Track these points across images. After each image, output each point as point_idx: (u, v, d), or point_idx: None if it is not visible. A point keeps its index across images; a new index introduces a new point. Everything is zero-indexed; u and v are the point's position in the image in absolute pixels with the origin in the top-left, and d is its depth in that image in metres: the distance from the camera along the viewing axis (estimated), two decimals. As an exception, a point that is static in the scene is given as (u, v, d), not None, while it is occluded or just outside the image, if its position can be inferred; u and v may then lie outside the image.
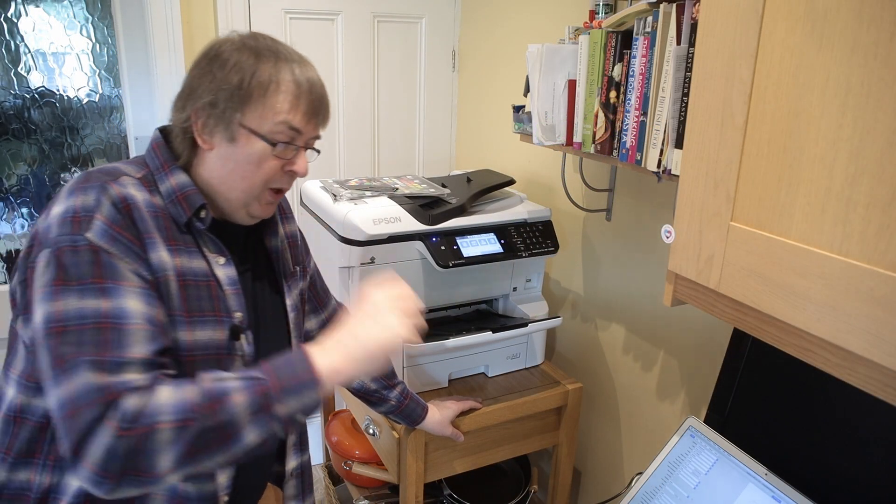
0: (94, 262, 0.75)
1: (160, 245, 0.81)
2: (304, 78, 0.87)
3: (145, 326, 0.76)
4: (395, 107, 2.34)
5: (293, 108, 0.86)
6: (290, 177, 0.92)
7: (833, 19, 0.65)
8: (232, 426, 0.72)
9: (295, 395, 0.75)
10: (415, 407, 1.34)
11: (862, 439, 0.96)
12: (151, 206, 0.83)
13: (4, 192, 1.99)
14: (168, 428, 0.70)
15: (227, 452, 0.73)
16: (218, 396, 0.72)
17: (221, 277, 0.88)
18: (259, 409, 0.73)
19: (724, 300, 0.84)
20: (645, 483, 1.15)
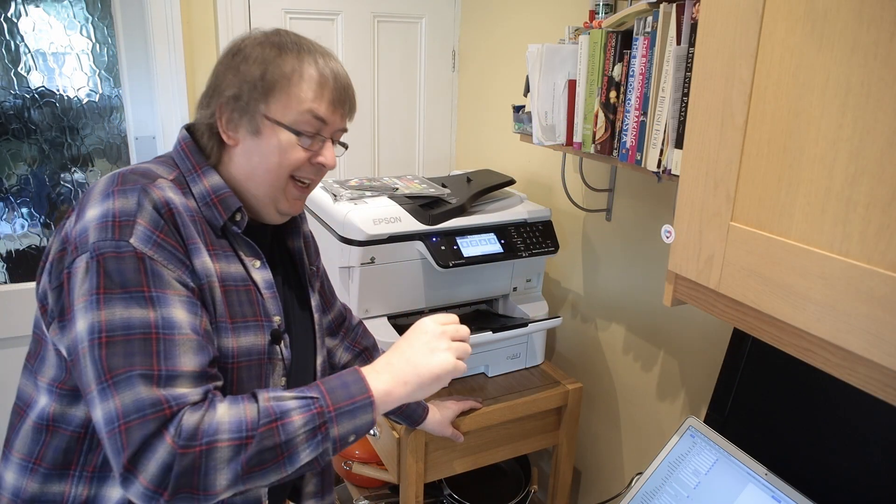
0: (139, 270, 0.72)
1: (203, 250, 0.79)
2: (328, 68, 0.85)
3: (193, 337, 0.74)
4: (395, 107, 2.34)
5: (317, 98, 0.84)
6: (318, 169, 0.89)
7: (833, 19, 0.65)
8: (289, 446, 0.72)
9: (350, 416, 0.75)
10: (415, 407, 1.34)
11: (862, 439, 0.96)
12: (188, 209, 0.81)
13: (4, 192, 1.99)
14: (226, 446, 0.69)
15: (281, 472, 0.73)
16: (277, 416, 0.72)
17: (259, 281, 0.87)
18: (315, 429, 0.73)
19: (724, 300, 0.84)
20: (645, 483, 1.15)
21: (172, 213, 0.77)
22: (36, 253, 2.07)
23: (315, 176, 0.89)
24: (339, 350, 1.27)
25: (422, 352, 0.81)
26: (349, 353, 1.28)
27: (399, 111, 2.36)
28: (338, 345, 1.26)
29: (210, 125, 0.86)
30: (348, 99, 0.88)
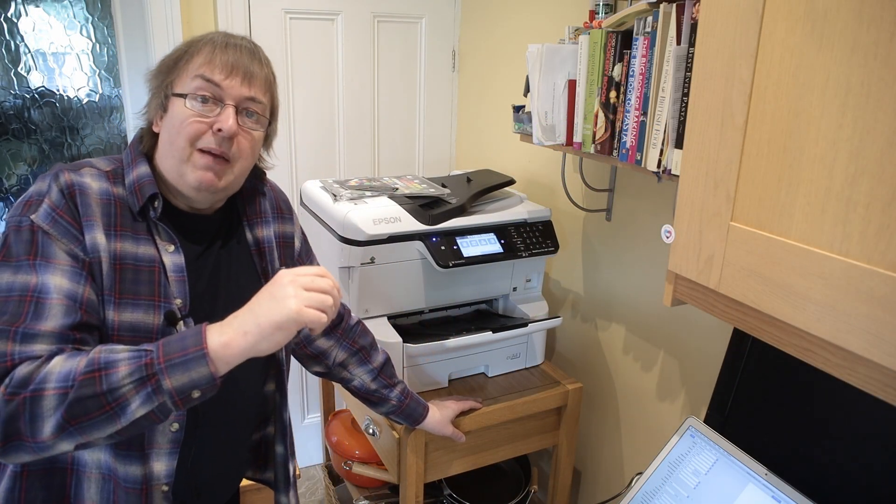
0: (32, 241, 0.81)
1: (97, 229, 0.85)
2: (222, 39, 0.90)
3: (64, 301, 0.79)
4: (395, 107, 2.34)
5: (208, 63, 0.88)
6: (220, 139, 0.89)
7: (833, 19, 0.65)
8: (114, 396, 0.73)
9: (182, 369, 0.74)
10: (416, 406, 1.34)
11: (862, 439, 0.96)
12: (107, 194, 0.88)
13: (4, 192, 1.99)
14: (52, 394, 0.72)
15: (113, 422, 0.74)
16: (102, 366, 0.73)
17: (168, 264, 0.90)
18: (143, 380, 0.73)
19: (724, 300, 0.84)
20: (645, 483, 1.15)
21: (74, 193, 0.84)
22: (36, 253, 2.07)
23: (218, 145, 0.89)
24: (334, 350, 1.27)
25: (266, 301, 0.77)
26: (346, 352, 1.28)
27: (399, 111, 2.36)
28: (333, 345, 1.26)
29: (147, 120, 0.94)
30: (243, 64, 0.89)
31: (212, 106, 0.89)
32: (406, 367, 1.50)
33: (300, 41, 2.12)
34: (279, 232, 1.10)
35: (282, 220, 1.12)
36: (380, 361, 1.31)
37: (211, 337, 0.76)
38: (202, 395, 0.76)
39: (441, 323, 1.67)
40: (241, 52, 0.90)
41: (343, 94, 2.24)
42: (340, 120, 2.26)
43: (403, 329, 1.55)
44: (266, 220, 1.06)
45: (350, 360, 1.28)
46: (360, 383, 1.29)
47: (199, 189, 0.91)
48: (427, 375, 1.54)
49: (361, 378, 1.29)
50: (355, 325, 1.31)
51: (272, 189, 1.13)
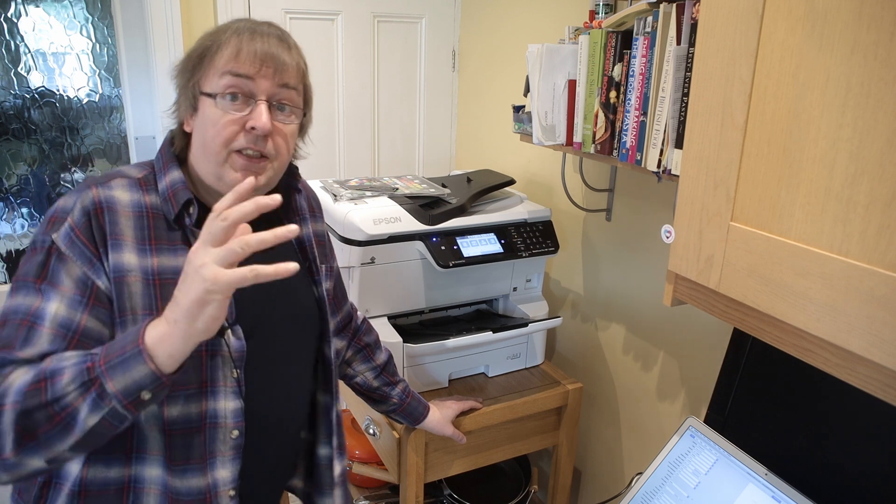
0: (44, 264, 0.79)
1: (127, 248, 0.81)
2: (247, 28, 0.85)
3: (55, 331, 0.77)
4: (395, 107, 2.34)
5: (234, 57, 0.83)
6: (254, 137, 0.84)
7: (833, 19, 0.65)
8: (59, 405, 0.69)
9: (122, 369, 0.69)
10: (416, 405, 1.34)
11: (862, 439, 0.96)
12: (139, 206, 0.84)
13: (4, 192, 1.99)
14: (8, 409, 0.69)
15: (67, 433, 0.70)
16: (47, 375, 0.70)
17: None
18: (86, 385, 0.69)
19: (724, 300, 0.84)
20: (645, 483, 1.15)
21: (101, 211, 0.81)
22: (36, 253, 2.07)
23: (253, 144, 0.85)
24: (344, 349, 1.27)
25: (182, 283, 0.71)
26: (351, 349, 1.29)
27: (399, 111, 2.36)
28: (344, 346, 1.27)
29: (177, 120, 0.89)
30: (273, 55, 0.84)
31: (242, 104, 0.84)
32: (406, 367, 1.50)
33: (300, 41, 2.09)
34: (315, 231, 1.08)
35: (314, 220, 1.10)
36: (383, 359, 1.32)
37: (148, 332, 0.71)
38: (153, 396, 0.71)
39: (441, 323, 1.67)
40: (270, 40, 0.85)
41: (343, 94, 2.24)
42: (340, 120, 2.26)
43: (403, 329, 1.55)
44: (304, 217, 1.03)
45: (355, 357, 1.29)
46: (362, 380, 1.30)
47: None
48: (427, 375, 1.54)
49: (364, 375, 1.29)
50: (361, 323, 1.32)
51: (304, 187, 1.10)
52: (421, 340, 1.47)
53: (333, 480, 1.09)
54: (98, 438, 0.73)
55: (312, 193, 1.13)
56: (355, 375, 1.30)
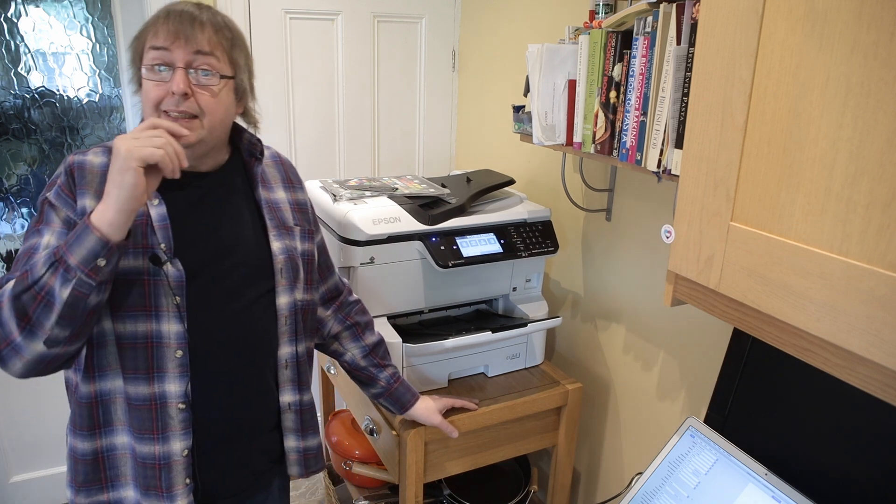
0: (41, 213, 1.00)
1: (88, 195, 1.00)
2: (165, 9, 1.00)
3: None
4: (395, 107, 2.34)
5: (154, 34, 0.99)
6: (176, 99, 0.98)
7: (833, 19, 0.65)
8: (39, 286, 0.88)
9: (76, 244, 0.87)
10: (404, 392, 1.37)
11: (862, 439, 0.96)
12: (104, 166, 1.01)
13: (4, 192, 1.99)
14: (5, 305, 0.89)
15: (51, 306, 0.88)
16: (28, 269, 0.89)
17: (153, 215, 1.02)
18: (55, 265, 0.88)
19: (724, 300, 0.84)
20: (645, 483, 1.15)
21: (74, 170, 1.01)
22: (36, 253, 2.07)
23: (175, 106, 0.99)
24: (330, 321, 1.32)
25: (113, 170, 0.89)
26: (340, 325, 1.33)
27: (399, 111, 2.36)
28: (330, 316, 1.32)
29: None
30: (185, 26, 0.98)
31: (167, 74, 0.98)
32: (406, 367, 1.50)
33: (300, 41, 2.12)
34: (292, 199, 1.19)
35: (293, 189, 1.20)
36: (373, 341, 1.36)
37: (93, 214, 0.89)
38: (107, 262, 0.89)
39: (441, 323, 1.67)
40: (182, 17, 0.99)
41: (343, 94, 2.24)
42: (340, 120, 2.26)
43: (403, 329, 1.55)
44: (271, 187, 1.16)
45: (343, 333, 1.33)
46: (350, 358, 1.34)
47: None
48: (427, 375, 1.54)
49: (352, 353, 1.34)
50: (354, 302, 1.36)
51: (282, 162, 1.22)
52: (420, 340, 1.47)
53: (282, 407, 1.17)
54: (76, 311, 0.89)
55: (292, 169, 1.24)
56: (344, 353, 1.34)
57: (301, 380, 1.18)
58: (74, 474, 1.05)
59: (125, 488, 1.05)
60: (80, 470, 1.04)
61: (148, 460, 1.03)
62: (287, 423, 1.17)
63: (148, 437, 1.02)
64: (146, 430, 1.02)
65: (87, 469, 1.04)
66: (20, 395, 2.11)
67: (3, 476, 2.17)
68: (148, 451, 1.03)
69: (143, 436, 1.02)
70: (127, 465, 1.05)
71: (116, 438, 1.04)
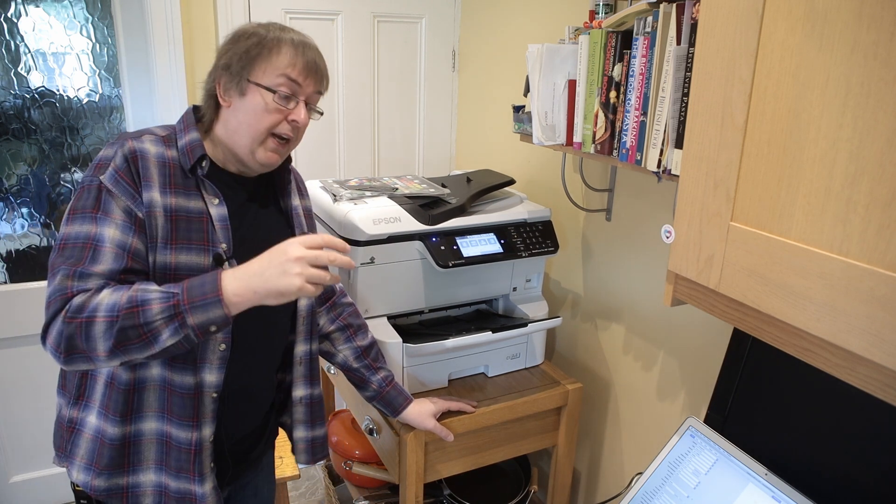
0: (97, 198, 0.98)
1: (154, 188, 1.01)
2: (300, 41, 1.06)
3: (115, 250, 0.97)
4: (395, 107, 2.34)
5: (291, 65, 1.04)
6: (293, 127, 1.07)
7: (833, 19, 0.65)
8: (148, 328, 0.90)
9: (203, 310, 0.90)
10: (397, 396, 1.37)
11: (862, 439, 0.96)
12: (163, 157, 1.03)
13: (4, 192, 1.99)
14: (101, 321, 0.90)
15: (150, 347, 0.91)
16: (139, 303, 0.90)
17: (213, 215, 1.05)
18: (171, 317, 0.90)
19: (724, 300, 0.84)
20: (645, 483, 1.15)
21: (136, 158, 1.01)
22: (36, 253, 2.07)
23: (291, 133, 1.07)
24: (321, 319, 1.36)
25: (275, 271, 0.91)
26: (331, 324, 1.36)
27: (399, 111, 2.36)
28: (321, 313, 1.36)
29: (210, 91, 1.07)
30: (318, 68, 1.07)
31: (289, 101, 1.05)
32: (406, 367, 1.50)
33: (300, 41, 2.12)
34: (303, 206, 1.26)
35: (302, 197, 1.26)
36: (365, 344, 1.37)
37: (226, 285, 0.91)
38: (218, 328, 0.92)
39: (441, 323, 1.67)
40: (315, 54, 1.07)
41: (343, 94, 2.24)
42: (340, 120, 2.26)
43: (403, 329, 1.55)
44: (291, 193, 1.22)
45: (336, 334, 1.36)
46: (342, 359, 1.36)
47: (265, 165, 1.08)
48: (427, 375, 1.54)
49: (344, 354, 1.36)
50: (347, 304, 1.39)
51: (293, 171, 1.27)
52: (421, 340, 1.47)
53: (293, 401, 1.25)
54: (167, 354, 0.93)
55: (300, 178, 1.30)
56: (336, 354, 1.37)
57: (313, 375, 1.26)
58: (97, 458, 1.06)
59: (145, 473, 1.08)
60: (105, 454, 1.05)
61: (184, 446, 1.06)
62: (297, 416, 1.25)
63: (188, 423, 1.06)
64: (187, 418, 1.06)
65: (114, 453, 1.05)
66: (20, 395, 2.11)
67: (3, 476, 2.17)
68: (185, 437, 1.06)
69: (183, 422, 1.06)
70: (151, 450, 1.07)
71: (145, 424, 1.07)
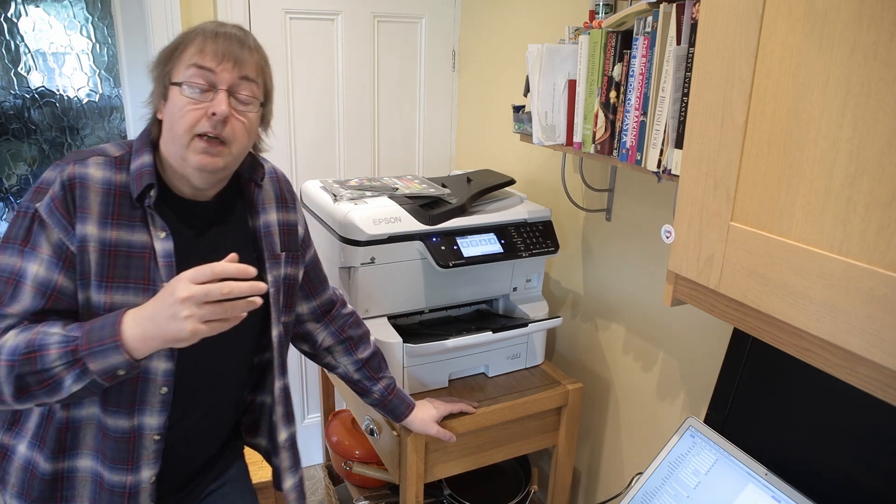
0: (28, 229, 0.91)
1: (91, 220, 0.93)
2: (213, 28, 0.96)
3: (36, 289, 0.90)
4: (395, 107, 2.35)
5: (200, 51, 0.94)
6: (215, 122, 0.94)
7: (833, 19, 0.65)
8: (48, 374, 0.85)
9: (101, 356, 0.85)
10: (399, 404, 1.36)
11: (862, 439, 0.96)
12: (108, 183, 0.95)
13: (4, 192, 1.99)
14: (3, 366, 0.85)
15: (56, 392, 0.87)
16: (36, 348, 0.85)
17: (158, 250, 0.97)
18: (70, 363, 0.85)
19: (724, 300, 0.84)
20: (645, 483, 1.15)
21: (75, 186, 0.92)
22: (36, 253, 2.07)
23: (213, 128, 0.94)
24: (321, 334, 1.32)
25: (165, 315, 0.83)
26: (333, 338, 1.32)
27: (399, 111, 2.36)
28: (321, 329, 1.31)
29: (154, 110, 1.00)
30: (235, 52, 0.95)
31: (207, 93, 0.94)
32: (406, 368, 1.50)
33: (300, 41, 2.12)
34: (283, 220, 1.15)
35: (285, 209, 1.16)
36: (366, 354, 1.35)
37: (126, 330, 0.85)
38: (127, 372, 0.87)
39: (441, 323, 1.67)
40: (231, 39, 0.95)
41: (343, 94, 2.24)
42: (340, 120, 2.26)
43: (403, 329, 1.55)
44: (265, 208, 1.12)
45: (336, 347, 1.33)
46: (343, 371, 1.34)
47: (201, 171, 0.96)
48: (427, 375, 1.54)
49: (345, 367, 1.34)
50: (347, 314, 1.35)
51: (278, 178, 1.18)
52: (421, 340, 1.47)
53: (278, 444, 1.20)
54: (79, 398, 0.89)
55: (287, 185, 1.20)
56: (337, 366, 1.34)
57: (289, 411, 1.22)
58: (27, 488, 1.01)
59: None
60: (36, 486, 1.00)
61: (117, 488, 1.01)
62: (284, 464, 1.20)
63: (121, 467, 1.01)
64: (120, 461, 1.00)
65: (44, 487, 1.01)
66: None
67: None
68: (118, 480, 1.01)
69: (116, 466, 1.00)
70: (86, 488, 1.03)
71: (80, 462, 1.02)
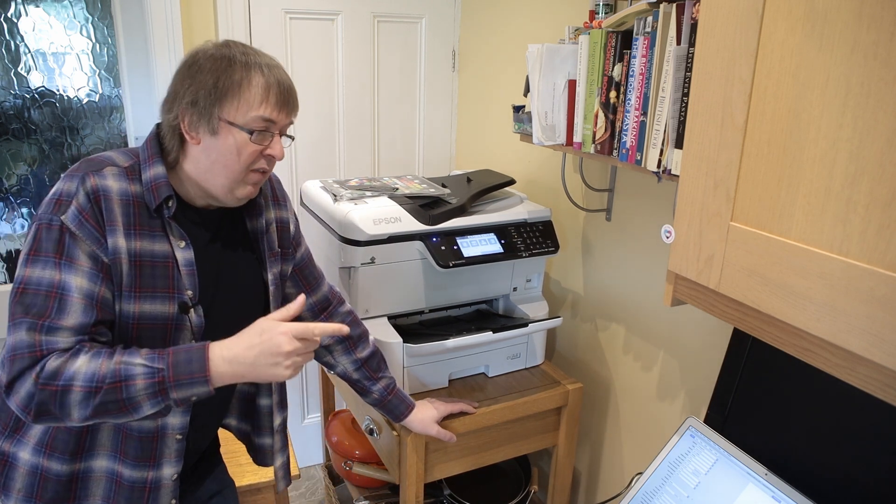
0: (59, 241, 0.91)
1: (118, 232, 0.95)
2: (272, 76, 1.00)
3: (83, 300, 0.91)
4: (395, 107, 2.35)
5: (264, 102, 0.98)
6: (270, 160, 1.03)
7: (833, 19, 0.65)
8: (131, 402, 0.89)
9: (188, 387, 0.90)
10: (398, 404, 1.37)
11: (862, 439, 0.96)
12: (126, 194, 0.97)
13: (4, 192, 1.99)
14: (79, 391, 0.87)
15: (129, 415, 0.90)
16: (122, 378, 0.88)
17: (180, 259, 1.00)
18: (155, 393, 0.89)
19: (724, 300, 0.84)
20: (645, 483, 1.15)
21: (100, 199, 0.94)
22: (36, 253, 2.07)
23: (267, 166, 1.03)
24: None
25: (267, 362, 0.92)
26: (331, 338, 1.32)
27: (399, 111, 2.36)
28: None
29: (173, 126, 1.00)
30: (291, 100, 1.03)
31: (266, 136, 1.01)
32: (406, 367, 1.50)
33: (300, 41, 2.12)
34: (277, 217, 1.19)
35: (278, 207, 1.20)
36: (365, 354, 1.35)
37: (215, 367, 0.91)
38: (198, 398, 0.92)
39: (441, 323, 1.67)
40: (286, 89, 1.02)
41: (343, 94, 2.24)
42: (340, 120, 2.26)
43: (403, 329, 1.55)
44: (261, 209, 1.14)
45: (335, 346, 1.33)
46: (342, 371, 1.35)
47: (242, 201, 1.04)
48: (427, 375, 1.54)
49: (344, 366, 1.34)
50: (345, 313, 1.35)
51: (269, 178, 1.20)
52: (421, 340, 1.47)
53: (273, 427, 1.24)
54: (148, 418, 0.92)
55: (278, 184, 1.24)
56: (336, 365, 1.34)
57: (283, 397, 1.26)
58: (38, 490, 1.02)
59: None
60: (50, 488, 1.02)
61: (137, 484, 1.04)
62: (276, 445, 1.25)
63: (143, 464, 1.04)
64: (143, 459, 1.04)
65: (59, 488, 1.02)
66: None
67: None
68: (139, 476, 1.04)
69: (138, 463, 1.04)
70: (100, 486, 1.05)
71: (95, 462, 1.04)
